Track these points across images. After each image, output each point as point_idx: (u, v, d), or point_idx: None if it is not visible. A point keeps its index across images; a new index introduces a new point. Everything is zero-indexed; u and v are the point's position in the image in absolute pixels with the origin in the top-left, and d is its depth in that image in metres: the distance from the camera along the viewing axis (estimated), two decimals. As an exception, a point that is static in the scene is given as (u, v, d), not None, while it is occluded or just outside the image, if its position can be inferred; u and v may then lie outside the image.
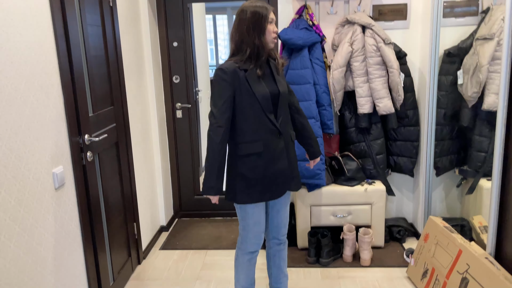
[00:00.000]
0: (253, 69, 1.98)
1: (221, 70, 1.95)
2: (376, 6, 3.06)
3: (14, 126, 1.61)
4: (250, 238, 2.16)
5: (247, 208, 2.10)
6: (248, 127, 1.99)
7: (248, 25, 1.94)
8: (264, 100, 1.97)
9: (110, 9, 2.52)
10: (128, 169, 2.75)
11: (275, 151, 2.03)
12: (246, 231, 2.15)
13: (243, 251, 2.20)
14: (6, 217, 1.56)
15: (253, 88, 1.96)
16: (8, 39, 1.58)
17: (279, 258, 2.35)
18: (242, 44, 1.97)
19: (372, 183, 3.01)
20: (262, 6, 1.96)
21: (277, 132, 2.03)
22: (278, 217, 2.24)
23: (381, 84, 2.86)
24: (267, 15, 1.96)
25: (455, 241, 2.31)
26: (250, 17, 1.94)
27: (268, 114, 1.99)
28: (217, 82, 1.96)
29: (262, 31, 1.96)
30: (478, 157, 2.92)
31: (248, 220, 2.12)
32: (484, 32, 2.75)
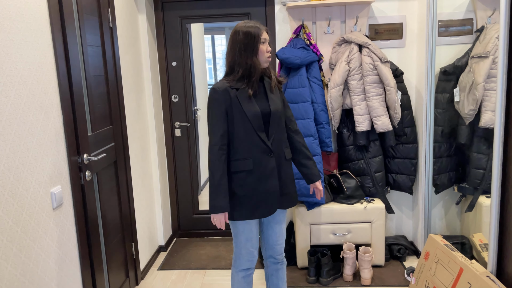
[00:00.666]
0: (244, 88, 2.00)
1: (213, 90, 1.99)
2: (372, 26, 3.11)
3: (13, 146, 1.61)
4: (243, 255, 2.15)
5: (238, 225, 2.11)
6: (239, 145, 2.01)
7: (240, 46, 1.97)
8: (254, 119, 1.99)
9: (110, 29, 2.55)
10: (127, 188, 2.74)
11: (266, 169, 2.03)
12: (238, 248, 2.15)
13: (237, 268, 2.20)
14: (3, 238, 1.54)
15: (244, 107, 1.98)
16: (8, 60, 1.60)
17: (276, 278, 2.32)
18: (235, 64, 2.00)
19: (371, 201, 3.00)
20: (254, 26, 1.99)
21: (268, 151, 2.03)
22: (273, 235, 2.23)
23: (378, 102, 2.88)
24: (260, 35, 1.98)
25: (456, 259, 2.29)
26: (242, 38, 1.97)
27: (259, 133, 2.01)
28: (210, 102, 2.01)
29: (254, 51, 1.98)
30: (477, 174, 2.93)
31: (240, 237, 2.13)
32: (479, 51, 2.78)
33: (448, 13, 3.05)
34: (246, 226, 2.11)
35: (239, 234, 2.13)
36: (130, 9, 2.94)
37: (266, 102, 2.06)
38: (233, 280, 2.23)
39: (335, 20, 3.10)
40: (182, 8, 3.36)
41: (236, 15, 3.36)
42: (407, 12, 3.09)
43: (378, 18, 3.11)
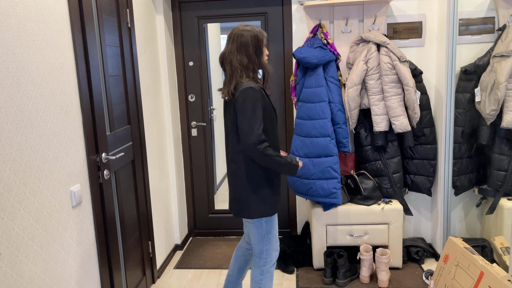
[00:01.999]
0: (266, 89, 2.15)
1: (252, 89, 1.97)
2: (391, 25, 3.07)
3: (35, 145, 1.64)
4: (274, 248, 2.25)
5: (273, 219, 2.20)
6: (269, 141, 2.13)
7: (253, 48, 2.03)
8: (275, 118, 2.17)
9: (128, 30, 2.58)
10: (144, 187, 2.76)
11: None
12: (271, 243, 2.22)
13: (269, 264, 2.24)
14: (24, 235, 1.57)
15: (273, 105, 2.14)
16: (30, 60, 1.63)
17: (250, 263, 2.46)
18: (248, 65, 2.04)
19: (389, 202, 2.96)
20: (259, 30, 2.07)
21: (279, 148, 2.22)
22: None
23: (397, 102, 2.84)
24: (263, 39, 2.08)
25: (476, 262, 2.25)
26: (254, 41, 2.03)
27: (276, 131, 2.18)
28: (251, 100, 1.97)
29: (262, 53, 2.09)
30: (498, 176, 2.86)
31: (273, 231, 2.22)
32: (501, 50, 2.72)
33: (469, 12, 2.99)
34: (274, 223, 2.22)
35: (273, 228, 2.21)
36: (148, 10, 2.96)
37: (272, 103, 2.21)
38: (266, 278, 2.25)
39: (353, 19, 3.07)
40: (199, 8, 3.38)
41: (253, 15, 3.36)
42: (427, 11, 3.04)
43: (397, 17, 3.06)
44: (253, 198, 2.10)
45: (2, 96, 1.47)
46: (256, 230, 2.18)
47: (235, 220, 3.72)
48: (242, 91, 1.97)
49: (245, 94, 1.96)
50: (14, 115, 1.52)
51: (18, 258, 1.53)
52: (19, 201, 1.54)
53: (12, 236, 1.50)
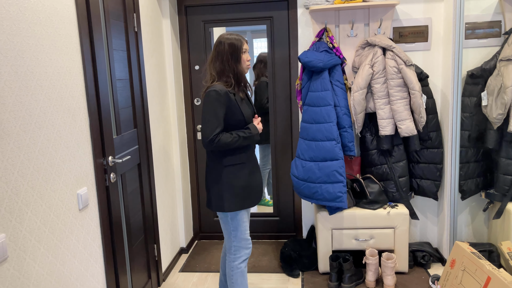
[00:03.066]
0: (237, 92, 2.24)
1: (216, 92, 2.13)
2: (397, 29, 3.07)
3: (42, 148, 1.65)
4: (243, 244, 2.32)
5: (238, 215, 2.28)
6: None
7: (227, 55, 2.19)
8: (248, 118, 2.26)
9: (135, 34, 2.60)
10: (150, 190, 2.78)
11: (255, 163, 2.33)
12: (239, 239, 2.31)
13: (239, 261, 2.32)
14: (32, 238, 1.58)
15: (243, 110, 2.23)
16: (38, 64, 1.64)
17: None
18: (224, 71, 2.20)
19: (395, 206, 2.95)
20: (237, 38, 2.21)
21: (253, 149, 2.35)
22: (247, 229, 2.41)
23: (402, 106, 2.84)
24: (241, 46, 2.21)
25: (483, 267, 2.23)
26: (228, 48, 2.19)
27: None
28: (211, 102, 2.14)
29: (238, 60, 2.21)
30: (505, 180, 2.85)
31: (241, 227, 2.30)
32: (508, 53, 2.71)
33: (475, 15, 2.98)
34: (244, 213, 2.31)
35: (240, 223, 2.29)
36: (154, 14, 2.99)
37: (251, 105, 2.35)
38: (237, 274, 2.32)
39: (359, 23, 3.07)
40: (205, 12, 3.40)
41: (259, 19, 3.37)
42: (433, 15, 3.04)
43: (402, 21, 3.06)
44: (214, 192, 2.26)
45: (11, 100, 1.48)
46: (223, 225, 2.34)
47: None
48: (206, 94, 2.17)
49: (206, 96, 2.15)
50: (22, 118, 1.54)
51: (25, 261, 1.54)
52: (27, 203, 1.56)
53: (19, 238, 1.52)
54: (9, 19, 1.49)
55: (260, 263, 3.25)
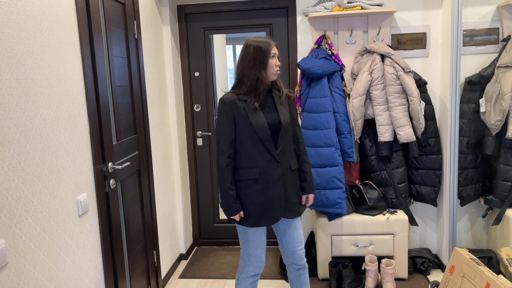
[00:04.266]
0: (251, 100, 2.09)
1: (221, 101, 2.10)
2: (395, 36, 3.09)
3: (43, 155, 1.66)
4: (252, 262, 2.22)
5: (248, 231, 2.18)
6: (245, 154, 2.11)
7: (250, 59, 2.07)
8: (261, 130, 2.07)
9: (135, 41, 2.61)
10: (149, 196, 2.78)
11: (272, 178, 2.11)
12: (248, 254, 2.22)
13: (245, 275, 2.25)
14: (32, 244, 1.59)
15: (251, 118, 2.07)
16: (39, 72, 1.66)
17: (300, 282, 2.36)
18: (244, 77, 2.10)
19: (394, 212, 2.95)
20: (265, 41, 2.08)
21: (274, 161, 2.11)
22: (292, 242, 2.27)
23: (401, 112, 2.85)
24: (269, 50, 2.07)
25: (482, 273, 2.23)
26: (253, 52, 2.07)
27: (266, 144, 2.09)
28: (219, 112, 2.11)
29: (264, 65, 2.07)
30: (504, 186, 2.85)
31: (249, 243, 2.20)
32: (506, 60, 2.73)
33: (473, 23, 3.00)
34: (256, 232, 2.18)
35: (249, 240, 2.20)
36: (154, 21, 3.01)
37: (275, 114, 2.14)
38: (239, 287, 2.28)
39: (357, 30, 3.10)
40: (205, 19, 3.42)
41: (258, 26, 3.40)
42: (431, 22, 3.06)
43: (401, 28, 3.09)
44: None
45: (12, 106, 1.49)
46: (238, 233, 2.26)
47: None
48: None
49: (218, 106, 2.13)
50: (23, 125, 1.55)
51: (25, 267, 1.55)
52: (27, 210, 1.57)
53: (19, 244, 1.52)
54: (10, 27, 1.50)
55: (260, 269, 3.25)
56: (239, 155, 2.12)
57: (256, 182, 2.10)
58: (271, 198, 2.12)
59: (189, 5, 3.39)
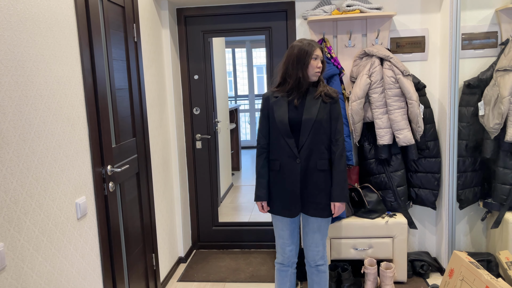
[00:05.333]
0: (284, 97, 2.23)
1: (263, 97, 2.31)
2: (394, 39, 3.10)
3: (41, 157, 1.66)
4: (277, 249, 2.42)
5: (273, 220, 2.38)
6: (273, 147, 2.28)
7: (293, 60, 2.19)
8: (281, 125, 2.20)
9: (134, 44, 2.62)
10: (148, 199, 2.78)
11: (291, 173, 2.22)
12: (276, 240, 2.42)
13: (276, 260, 2.46)
14: (30, 247, 1.58)
15: (275, 113, 2.23)
16: (38, 74, 1.66)
17: (312, 280, 2.45)
18: (287, 76, 2.23)
19: (393, 216, 2.95)
20: (309, 43, 2.20)
21: (294, 157, 2.21)
22: (307, 241, 2.37)
23: (400, 115, 2.85)
24: (312, 52, 2.18)
25: (481, 277, 2.23)
26: (296, 53, 2.19)
27: (287, 139, 2.21)
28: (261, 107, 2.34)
29: (305, 65, 2.18)
30: (503, 190, 2.86)
31: (275, 231, 2.40)
32: (504, 64, 2.74)
33: (472, 26, 3.01)
34: (278, 223, 2.35)
35: (275, 228, 2.40)
36: (154, 24, 3.01)
37: (301, 111, 2.21)
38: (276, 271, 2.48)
39: (356, 33, 3.11)
40: (205, 22, 3.43)
41: (257, 29, 3.40)
42: (429, 25, 3.07)
43: (400, 32, 3.09)
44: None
45: (11, 109, 1.49)
46: None
47: (239, 232, 3.72)
48: None
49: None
50: (22, 128, 1.55)
51: (23, 270, 1.54)
52: (25, 212, 1.56)
53: (17, 248, 1.52)
54: (10, 30, 1.50)
55: (259, 272, 3.24)
56: (271, 147, 2.30)
57: (278, 173, 2.26)
58: (286, 192, 2.25)
59: (189, 8, 3.40)
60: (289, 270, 2.43)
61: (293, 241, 2.38)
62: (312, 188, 2.23)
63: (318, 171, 2.21)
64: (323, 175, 2.23)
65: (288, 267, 2.42)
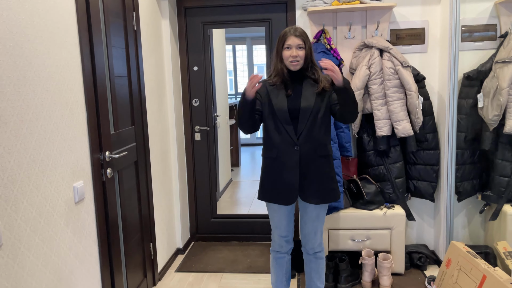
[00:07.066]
0: (278, 85, 2.20)
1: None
2: (394, 31, 3.10)
3: (39, 139, 1.66)
4: (274, 238, 2.41)
5: (269, 210, 2.37)
6: (268, 134, 2.25)
7: (274, 50, 2.23)
8: (281, 113, 2.17)
9: (134, 32, 2.62)
10: (147, 188, 2.78)
11: (290, 160, 2.19)
12: (272, 230, 2.42)
13: (271, 247, 2.46)
14: (27, 227, 1.59)
15: (273, 101, 2.20)
16: (36, 56, 1.66)
17: (309, 267, 2.46)
18: (271, 64, 2.27)
19: (391, 207, 2.95)
20: (285, 32, 2.17)
21: (293, 144, 2.18)
22: (305, 229, 2.37)
23: (399, 106, 2.85)
24: (284, 41, 2.16)
25: (478, 266, 2.23)
26: (277, 42, 2.22)
27: (286, 126, 2.18)
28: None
29: (279, 56, 2.20)
30: (501, 182, 2.86)
31: (271, 222, 2.39)
32: (504, 56, 2.74)
33: (471, 19, 3.01)
34: (274, 214, 2.34)
35: (271, 220, 2.39)
36: (154, 14, 3.01)
37: (298, 99, 2.18)
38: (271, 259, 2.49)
39: (356, 25, 3.10)
40: (204, 14, 3.43)
41: (257, 21, 3.40)
42: (429, 17, 3.07)
43: (399, 23, 3.09)
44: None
45: (9, 89, 1.49)
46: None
47: (237, 224, 3.72)
48: None
49: None
50: (19, 108, 1.55)
51: (20, 250, 1.55)
52: (23, 193, 1.56)
53: (14, 227, 1.52)
54: (8, 9, 1.50)
55: (256, 264, 3.24)
56: (264, 134, 2.28)
57: (274, 161, 2.23)
58: (283, 178, 2.21)
59: (189, -1, 3.40)
60: (286, 257, 2.44)
61: (289, 228, 2.38)
62: (314, 175, 2.21)
63: (319, 157, 2.21)
64: (324, 160, 2.23)
65: (284, 254, 2.43)
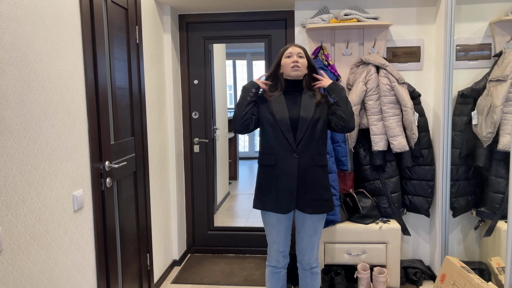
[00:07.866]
0: (280, 94, 2.30)
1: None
2: (390, 49, 3.17)
3: (41, 147, 1.70)
4: (270, 253, 2.40)
5: (266, 225, 2.36)
6: (266, 142, 2.29)
7: (274, 62, 2.35)
8: (282, 121, 2.24)
9: (136, 46, 2.68)
10: (145, 199, 2.80)
11: (288, 167, 2.22)
12: (268, 245, 2.41)
13: (267, 262, 2.44)
14: (27, 234, 1.61)
15: (274, 108, 2.26)
16: (41, 66, 1.71)
17: (305, 283, 2.45)
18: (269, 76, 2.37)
19: (387, 222, 2.98)
20: (287, 47, 2.32)
21: (292, 151, 2.22)
22: (301, 244, 2.37)
23: (395, 122, 2.90)
24: (284, 51, 2.31)
25: (472, 281, 2.25)
26: (276, 57, 2.36)
27: (286, 133, 2.23)
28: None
29: (279, 65, 2.33)
30: (495, 198, 2.89)
31: (269, 237, 2.38)
32: (497, 74, 2.80)
33: (466, 38, 3.09)
34: (272, 230, 2.33)
35: (267, 235, 2.38)
36: (156, 28, 3.08)
37: (298, 109, 2.27)
38: (266, 272, 2.46)
39: (353, 42, 3.18)
40: (206, 29, 3.50)
41: (257, 37, 3.48)
42: (424, 36, 3.14)
43: (396, 41, 3.17)
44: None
45: (14, 98, 1.54)
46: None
47: (234, 237, 3.73)
48: None
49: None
50: (23, 116, 1.59)
51: (19, 256, 1.57)
52: (23, 200, 1.59)
53: (14, 233, 1.55)
54: (16, 22, 1.56)
55: (253, 277, 3.25)
56: (262, 141, 2.32)
57: (272, 168, 2.25)
58: (281, 186, 2.23)
59: (190, 14, 3.48)
60: (282, 271, 2.43)
61: (287, 243, 2.37)
62: (311, 184, 2.24)
63: (316, 166, 2.25)
64: (322, 170, 2.27)
65: (281, 269, 2.42)
